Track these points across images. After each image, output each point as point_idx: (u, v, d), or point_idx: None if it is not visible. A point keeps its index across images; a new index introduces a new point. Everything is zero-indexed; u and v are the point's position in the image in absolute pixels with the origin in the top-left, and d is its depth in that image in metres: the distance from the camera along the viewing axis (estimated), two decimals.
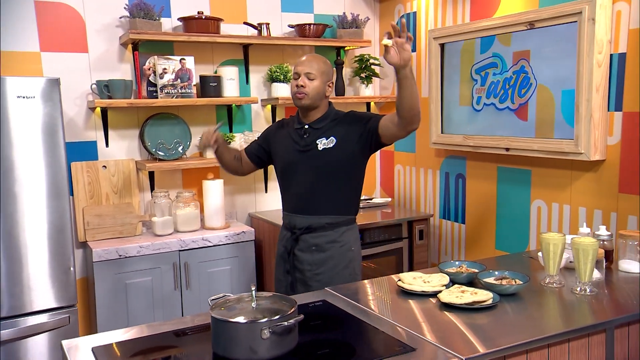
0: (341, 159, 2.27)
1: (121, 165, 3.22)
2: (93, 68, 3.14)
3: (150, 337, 1.57)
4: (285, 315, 1.40)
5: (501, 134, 2.91)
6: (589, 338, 1.63)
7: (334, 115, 2.34)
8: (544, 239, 1.92)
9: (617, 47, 2.45)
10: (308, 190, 2.30)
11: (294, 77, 2.31)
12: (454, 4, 3.26)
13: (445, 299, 1.75)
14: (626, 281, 2.01)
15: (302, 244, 2.32)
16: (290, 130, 2.38)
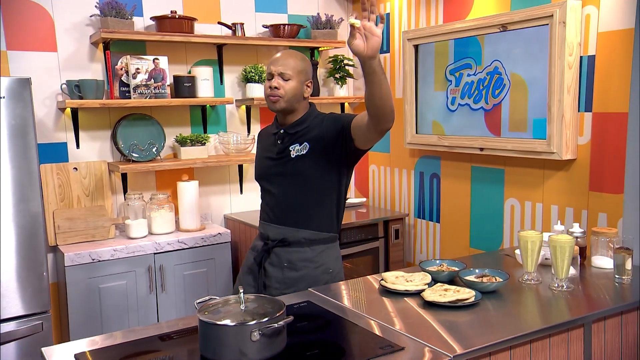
0: (315, 168, 2.03)
1: (93, 167, 3.15)
2: (62, 67, 3.06)
3: (135, 342, 1.54)
4: (274, 317, 1.39)
5: (475, 134, 2.96)
6: (569, 333, 1.68)
7: (313, 119, 2.08)
8: (522, 237, 1.96)
9: (586, 50, 2.52)
10: (282, 200, 2.10)
11: (267, 77, 2.06)
12: (427, 6, 3.30)
13: (429, 298, 1.77)
14: (599, 277, 2.07)
15: (273, 258, 2.10)
16: (268, 136, 2.19)
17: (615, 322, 1.79)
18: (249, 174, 3.65)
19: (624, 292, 1.91)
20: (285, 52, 2.10)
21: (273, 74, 2.03)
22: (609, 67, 2.44)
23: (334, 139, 2.00)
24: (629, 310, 1.82)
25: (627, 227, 2.18)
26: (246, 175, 3.64)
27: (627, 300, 1.83)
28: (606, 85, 2.46)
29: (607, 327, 1.77)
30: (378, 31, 1.63)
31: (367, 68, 1.70)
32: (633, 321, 1.84)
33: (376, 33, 1.62)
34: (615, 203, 2.44)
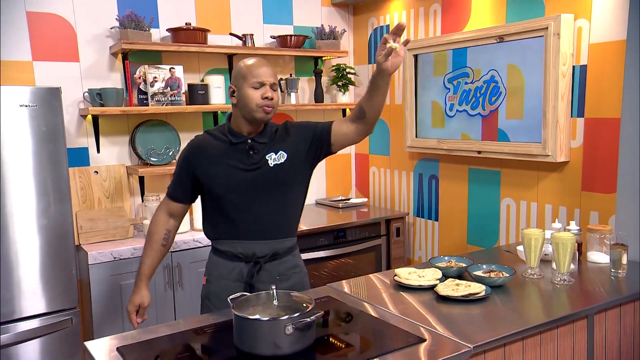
0: (294, 175, 1.90)
1: (112, 170, 3.14)
2: (84, 77, 3.05)
3: (172, 336, 1.54)
4: (306, 312, 1.40)
5: (473, 138, 2.98)
6: (574, 324, 1.70)
7: (272, 128, 1.92)
8: (526, 235, 1.98)
9: (578, 60, 2.55)
10: (266, 213, 1.87)
11: (253, 85, 1.81)
12: (426, 18, 3.32)
13: (442, 292, 1.79)
14: (595, 271, 2.09)
15: (263, 275, 1.87)
16: (224, 147, 1.88)
17: (614, 314, 1.81)
18: None
19: (620, 285, 1.94)
20: (264, 60, 1.89)
21: (265, 84, 1.82)
22: (599, 76, 2.47)
23: (308, 145, 1.91)
24: (626, 302, 1.85)
25: (619, 224, 2.21)
26: None
27: (623, 293, 1.86)
28: (597, 92, 2.49)
29: (608, 318, 1.80)
30: (403, 53, 1.72)
31: (382, 80, 1.76)
32: (630, 312, 1.87)
33: (401, 54, 1.71)
34: (606, 202, 2.47)
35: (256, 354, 1.39)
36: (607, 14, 2.41)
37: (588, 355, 1.76)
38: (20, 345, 2.19)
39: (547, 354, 1.65)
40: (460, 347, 1.43)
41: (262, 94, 1.81)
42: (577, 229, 2.22)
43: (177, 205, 1.99)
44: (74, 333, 2.34)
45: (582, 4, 2.50)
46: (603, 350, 1.80)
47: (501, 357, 1.53)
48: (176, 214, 2.00)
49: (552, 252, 2.13)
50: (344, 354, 1.44)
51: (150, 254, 1.97)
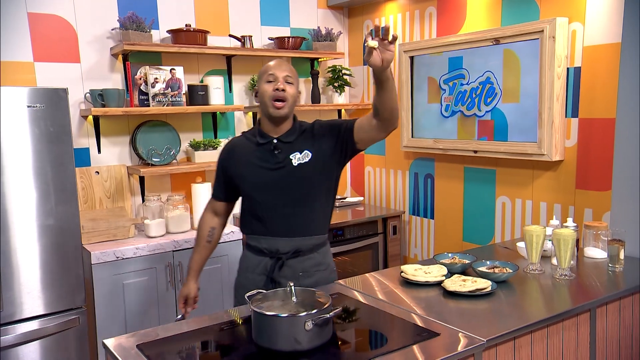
0: (319, 173, 1.90)
1: (113, 170, 3.12)
2: (85, 77, 3.02)
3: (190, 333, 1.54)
4: (325, 308, 1.41)
5: (469, 138, 3.02)
6: (578, 317, 1.74)
7: (300, 127, 1.94)
8: (528, 231, 2.02)
9: (573, 62, 2.59)
10: (291, 210, 1.89)
11: (267, 79, 1.85)
12: (421, 21, 3.35)
13: (450, 288, 1.81)
14: (592, 266, 2.13)
15: (287, 271, 1.90)
16: (252, 148, 1.93)
17: (614, 307, 1.86)
18: None
19: (617, 279, 1.98)
20: (283, 60, 1.92)
21: (278, 77, 1.84)
22: (592, 78, 2.52)
23: (333, 144, 1.91)
24: (625, 296, 1.89)
25: (615, 220, 2.25)
26: None
27: (621, 287, 1.90)
28: (590, 93, 2.54)
29: (609, 311, 1.84)
30: (392, 47, 1.63)
31: (382, 77, 1.69)
32: (629, 305, 1.91)
33: (391, 49, 1.62)
34: (600, 199, 2.52)
35: (276, 350, 1.39)
36: (600, 17, 2.46)
37: (591, 347, 1.80)
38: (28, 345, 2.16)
39: (553, 346, 1.68)
40: (474, 341, 1.45)
41: (274, 87, 1.82)
42: (574, 225, 2.26)
43: (220, 204, 2.10)
44: (81, 332, 2.32)
45: (576, 8, 2.55)
46: (604, 342, 1.84)
47: (511, 349, 1.56)
48: (220, 213, 2.11)
49: (551, 248, 2.17)
50: (362, 349, 1.45)
51: (198, 250, 2.11)
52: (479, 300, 1.77)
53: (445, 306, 1.74)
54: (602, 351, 1.84)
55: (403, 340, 1.46)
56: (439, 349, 1.42)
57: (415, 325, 1.56)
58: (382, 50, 1.62)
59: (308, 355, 1.38)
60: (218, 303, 3.14)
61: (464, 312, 1.68)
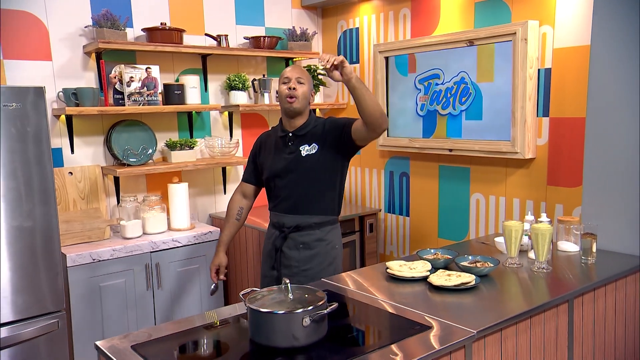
0: (323, 164, 2.22)
1: (87, 171, 3.05)
2: (57, 76, 2.95)
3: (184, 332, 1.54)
4: (321, 305, 1.43)
5: (444, 137, 3.09)
6: (557, 308, 1.81)
7: (315, 122, 2.27)
8: (507, 226, 2.09)
9: (543, 63, 2.70)
10: (295, 193, 2.24)
11: (283, 81, 2.23)
12: (396, 22, 3.41)
13: (436, 282, 1.86)
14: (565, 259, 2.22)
15: (290, 242, 2.27)
16: (275, 139, 2.33)
17: (590, 297, 1.94)
18: (232, 175, 3.65)
19: (591, 271, 2.07)
20: (297, 64, 2.35)
21: (290, 79, 2.21)
22: (562, 79, 2.63)
23: (337, 140, 2.22)
24: (599, 287, 1.98)
25: (586, 215, 2.36)
26: (229, 177, 3.63)
27: (595, 279, 1.99)
28: (560, 94, 2.64)
29: (584, 302, 1.92)
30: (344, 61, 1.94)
31: (350, 87, 1.99)
32: (602, 296, 2.00)
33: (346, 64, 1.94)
34: (570, 195, 2.63)
35: (274, 347, 1.41)
36: (569, 21, 2.57)
37: (569, 335, 1.88)
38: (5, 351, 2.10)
39: (536, 336, 1.75)
40: (465, 333, 1.50)
41: (288, 86, 2.21)
42: (547, 220, 2.35)
43: (249, 187, 2.47)
44: (61, 336, 2.27)
45: (546, 11, 2.65)
46: (581, 330, 1.93)
47: (498, 340, 1.62)
48: (248, 195, 2.48)
49: (528, 242, 2.26)
50: (357, 344, 1.48)
51: (228, 227, 2.46)
52: (464, 293, 1.83)
53: (432, 300, 1.79)
54: (579, 339, 1.92)
55: (397, 333, 1.50)
56: (433, 341, 1.46)
57: (406, 319, 1.60)
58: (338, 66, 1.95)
59: (306, 351, 1.40)
60: (196, 303, 3.12)
61: (450, 306, 1.73)
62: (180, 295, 3.07)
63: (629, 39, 2.15)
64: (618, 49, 2.19)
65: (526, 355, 1.72)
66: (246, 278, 3.32)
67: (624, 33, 2.16)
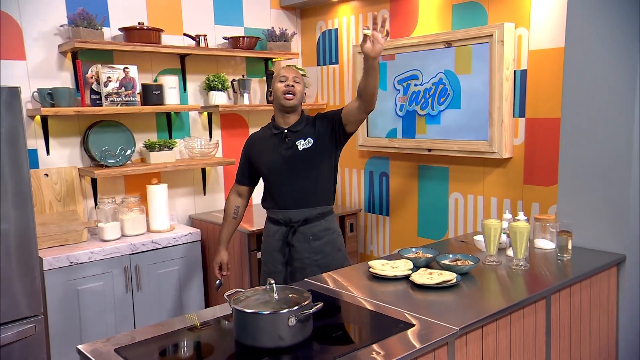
0: (320, 155, 2.36)
1: (63, 173, 3.00)
2: (31, 76, 2.89)
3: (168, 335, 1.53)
4: (306, 305, 1.44)
5: (423, 137, 3.13)
6: (535, 304, 1.86)
7: (306, 120, 2.41)
8: (486, 225, 2.13)
9: (519, 65, 2.75)
10: (298, 187, 2.34)
11: (280, 80, 2.36)
12: None
13: (418, 281, 1.89)
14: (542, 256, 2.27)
15: (299, 236, 2.35)
16: (269, 138, 2.42)
17: (566, 293, 2.00)
18: (212, 176, 3.63)
19: (567, 268, 2.13)
20: (291, 66, 2.58)
21: (288, 77, 2.35)
22: (537, 80, 2.69)
23: (329, 130, 2.37)
24: (574, 283, 2.03)
25: (561, 213, 2.41)
26: (209, 178, 3.61)
27: (570, 275, 2.04)
28: (536, 95, 2.70)
29: (561, 298, 1.97)
30: (382, 40, 2.08)
31: (370, 64, 2.13)
32: (577, 291, 2.06)
33: (381, 42, 2.08)
34: (546, 194, 2.69)
35: (259, 347, 1.41)
36: (543, 24, 2.63)
37: (546, 330, 1.92)
38: None
39: (515, 332, 1.79)
40: (448, 330, 1.53)
41: (285, 84, 2.34)
42: (524, 218, 2.40)
43: (243, 188, 2.56)
44: (38, 341, 2.23)
45: (522, 14, 2.70)
46: (558, 325, 1.98)
47: (480, 336, 1.65)
48: (243, 195, 2.57)
49: (506, 240, 2.30)
50: (342, 343, 1.49)
51: (226, 225, 2.58)
52: (445, 291, 1.86)
53: (414, 298, 1.81)
54: (556, 333, 1.97)
55: (381, 332, 1.51)
56: (416, 338, 1.48)
57: (390, 318, 1.62)
58: (374, 42, 2.06)
59: (291, 351, 1.41)
60: (176, 306, 3.10)
61: (433, 304, 1.76)
62: (161, 298, 3.04)
63: (601, 41, 2.21)
64: (591, 51, 2.25)
65: (506, 350, 1.76)
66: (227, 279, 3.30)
67: (596, 35, 2.23)
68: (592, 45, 2.24)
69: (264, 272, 2.49)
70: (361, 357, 1.38)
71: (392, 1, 3.32)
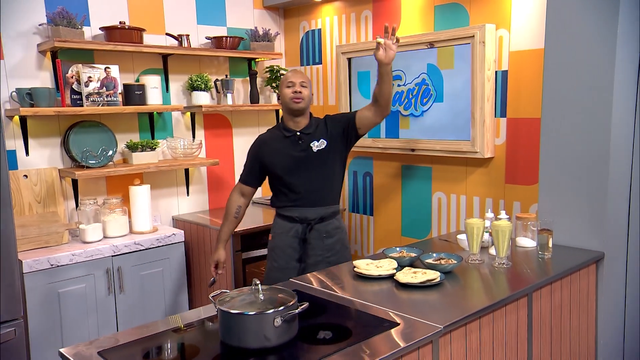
0: (333, 156, 2.48)
1: (43, 174, 2.96)
2: (9, 75, 2.84)
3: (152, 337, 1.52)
4: (292, 305, 1.44)
5: (406, 137, 3.15)
6: (517, 302, 1.88)
7: (316, 122, 2.51)
8: (469, 224, 2.15)
9: (500, 66, 2.79)
10: (314, 186, 2.45)
11: (287, 85, 2.45)
12: (357, 23, 3.45)
13: (403, 280, 1.90)
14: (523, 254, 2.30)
15: (314, 233, 2.46)
16: (281, 140, 2.49)
17: (547, 290, 2.03)
18: (195, 177, 3.61)
19: (547, 265, 2.16)
20: (297, 69, 2.65)
21: (295, 83, 2.44)
22: (518, 80, 2.72)
23: (342, 132, 2.50)
24: (555, 280, 2.07)
25: (542, 211, 2.45)
26: (192, 178, 3.59)
27: (551, 273, 2.08)
28: (517, 95, 2.74)
29: (542, 295, 2.00)
30: (395, 47, 2.29)
31: (384, 71, 2.33)
32: (558, 288, 2.09)
33: (393, 48, 2.29)
34: (527, 193, 2.73)
35: (245, 348, 1.41)
36: (524, 25, 2.66)
37: (528, 327, 1.95)
38: None
39: (498, 329, 1.81)
40: (432, 328, 1.54)
41: (292, 90, 2.43)
42: (506, 217, 2.43)
43: (247, 188, 2.61)
44: (18, 345, 2.19)
45: (502, 15, 2.74)
46: (539, 322, 2.01)
47: (463, 334, 1.67)
48: (246, 194, 2.62)
49: (489, 239, 2.33)
50: (327, 342, 1.50)
51: (227, 224, 2.61)
52: (429, 290, 1.87)
53: (399, 297, 1.82)
54: (538, 330, 2.00)
55: (366, 331, 1.52)
56: (400, 337, 1.49)
57: (375, 317, 1.63)
58: (386, 49, 2.27)
59: (277, 351, 1.41)
60: (160, 307, 3.07)
61: (417, 302, 1.77)
62: (143, 300, 3.01)
63: (580, 42, 2.25)
64: (570, 52, 2.29)
65: (489, 347, 1.78)
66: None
67: (576, 37, 2.26)
68: (571, 46, 2.28)
69: (273, 268, 2.54)
70: (347, 357, 1.39)
71: (374, 2, 3.33)
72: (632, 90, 2.27)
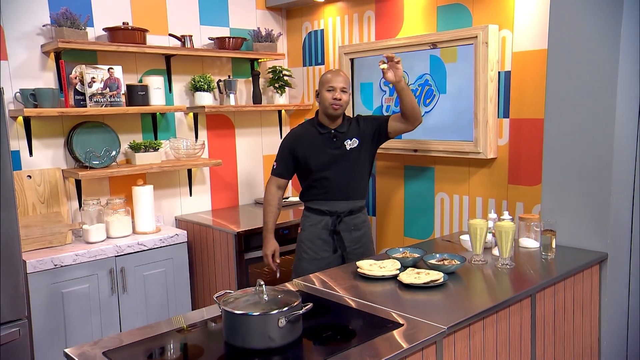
0: (364, 154, 2.64)
1: (47, 174, 2.97)
2: (13, 76, 2.85)
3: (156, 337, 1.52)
4: (296, 305, 1.44)
5: (409, 137, 3.15)
6: (521, 303, 1.88)
7: (348, 120, 2.67)
8: (472, 225, 2.15)
9: (503, 66, 2.78)
10: (345, 182, 2.60)
11: (327, 89, 2.55)
12: (360, 24, 3.45)
13: (406, 281, 1.90)
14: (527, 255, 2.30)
15: (343, 225, 2.61)
16: (316, 136, 2.63)
17: (550, 291, 2.03)
18: (198, 177, 3.61)
19: (551, 266, 2.16)
20: (338, 70, 2.66)
21: (336, 88, 2.55)
22: (521, 81, 2.72)
23: (372, 133, 2.66)
24: (558, 281, 2.07)
25: (545, 212, 2.45)
26: (195, 178, 3.59)
27: (555, 273, 2.08)
28: (520, 96, 2.74)
29: (545, 296, 2.00)
30: (400, 66, 2.45)
31: (399, 87, 2.49)
32: (561, 289, 2.09)
33: (399, 67, 2.45)
34: (530, 193, 2.73)
35: (249, 348, 1.41)
36: (527, 25, 2.66)
37: (532, 328, 1.95)
38: None
39: (501, 330, 1.81)
40: (436, 329, 1.54)
41: (332, 95, 2.55)
42: (509, 218, 2.43)
43: (282, 180, 2.74)
44: (22, 345, 2.20)
45: (505, 16, 2.74)
46: (542, 323, 2.01)
47: (467, 335, 1.67)
48: (282, 187, 2.76)
49: (492, 240, 2.33)
50: (331, 343, 1.50)
51: (272, 216, 2.74)
52: (433, 291, 1.87)
53: (402, 298, 1.83)
54: (541, 331, 2.00)
55: (370, 332, 1.52)
56: (404, 338, 1.49)
57: (378, 318, 1.63)
58: (393, 69, 2.44)
59: (281, 351, 1.41)
60: (163, 308, 3.08)
61: (420, 303, 1.77)
62: (147, 300, 3.02)
63: (584, 43, 2.25)
64: (574, 53, 2.28)
65: (493, 348, 1.78)
66: (214, 280, 3.30)
67: (579, 37, 2.26)
68: (574, 46, 2.28)
69: (302, 259, 2.67)
70: (350, 357, 1.39)
71: (377, 2, 3.33)
72: (635, 91, 2.27)
